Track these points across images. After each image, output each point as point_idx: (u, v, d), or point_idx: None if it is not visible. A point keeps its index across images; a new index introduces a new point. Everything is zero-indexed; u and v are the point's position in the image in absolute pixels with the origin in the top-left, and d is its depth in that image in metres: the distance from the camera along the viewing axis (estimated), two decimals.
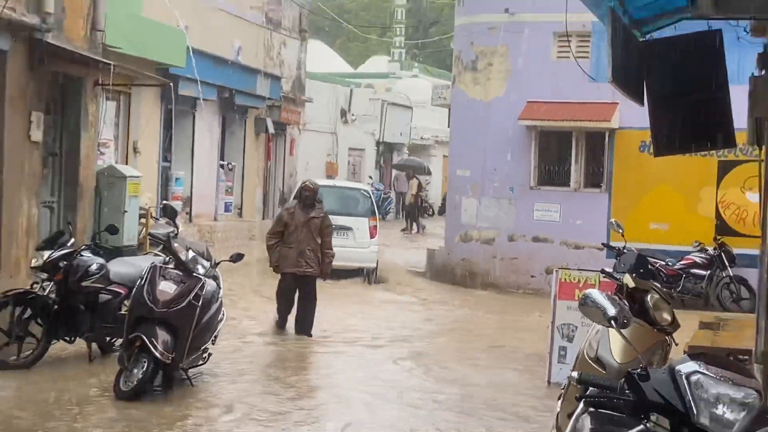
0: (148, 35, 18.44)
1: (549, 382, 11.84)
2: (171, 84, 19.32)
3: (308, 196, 14.49)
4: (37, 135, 13.75)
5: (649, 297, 8.16)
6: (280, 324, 14.66)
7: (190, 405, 10.50)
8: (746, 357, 9.35)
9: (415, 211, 36.75)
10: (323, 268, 14.43)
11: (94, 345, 12.10)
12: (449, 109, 25.88)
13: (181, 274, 10.90)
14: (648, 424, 4.28)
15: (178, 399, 10.59)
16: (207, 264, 11.36)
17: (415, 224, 36.32)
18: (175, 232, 17.82)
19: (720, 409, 4.17)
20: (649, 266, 17.11)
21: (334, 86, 38.13)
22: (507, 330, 16.52)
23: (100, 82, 15.72)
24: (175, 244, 11.37)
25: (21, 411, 9.82)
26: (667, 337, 8.28)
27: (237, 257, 12.44)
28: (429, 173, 41.12)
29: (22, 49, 13.22)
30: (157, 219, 17.90)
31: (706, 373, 4.28)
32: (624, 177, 21.50)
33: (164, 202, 18.53)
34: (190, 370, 11.18)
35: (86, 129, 15.54)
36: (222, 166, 24.73)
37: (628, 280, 8.56)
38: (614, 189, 21.60)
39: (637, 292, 8.42)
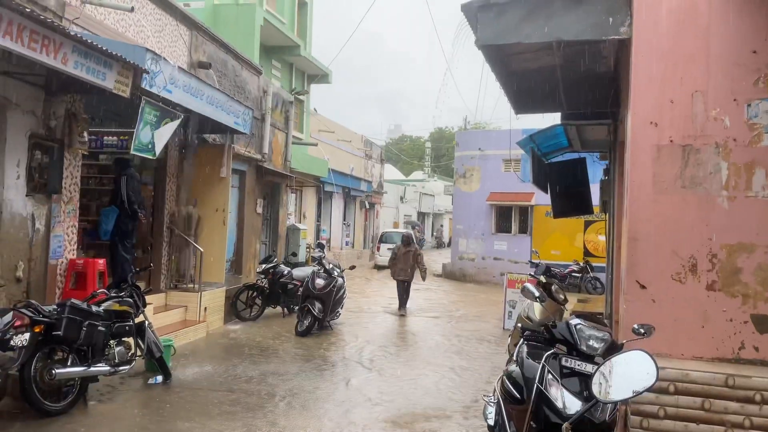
0: (310, 162, 18.48)
1: (503, 328, 11.57)
2: (321, 185, 19.94)
3: (406, 239, 13.34)
4: (259, 210, 13.90)
5: (553, 287, 7.79)
6: (401, 306, 13.23)
7: (331, 337, 10.27)
8: (601, 315, 8.89)
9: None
10: (422, 275, 13.07)
11: (285, 309, 12.05)
12: (452, 196, 25.57)
13: (326, 275, 10.83)
14: (555, 349, 4.05)
15: (325, 335, 10.39)
16: (339, 270, 11.29)
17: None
18: (323, 255, 17.13)
19: (591, 342, 3.94)
20: (552, 271, 16.90)
21: (396, 186, 37.83)
22: (482, 303, 15.76)
23: (287, 185, 15.82)
24: (323, 261, 11.23)
25: (253, 340, 9.81)
26: (562, 307, 7.87)
27: (352, 267, 12.31)
28: (420, 225, 39.91)
29: (252, 170, 13.39)
30: (314, 249, 16.79)
31: (583, 324, 4.07)
32: (538, 228, 20.81)
33: (318, 241, 18.09)
34: (331, 321, 11.00)
35: (282, 207, 15.61)
36: (344, 223, 24.63)
37: (542, 279, 8.30)
38: (533, 234, 20.98)
39: (547, 284, 8.04)
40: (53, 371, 5.64)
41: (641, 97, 4.89)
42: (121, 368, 6.26)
